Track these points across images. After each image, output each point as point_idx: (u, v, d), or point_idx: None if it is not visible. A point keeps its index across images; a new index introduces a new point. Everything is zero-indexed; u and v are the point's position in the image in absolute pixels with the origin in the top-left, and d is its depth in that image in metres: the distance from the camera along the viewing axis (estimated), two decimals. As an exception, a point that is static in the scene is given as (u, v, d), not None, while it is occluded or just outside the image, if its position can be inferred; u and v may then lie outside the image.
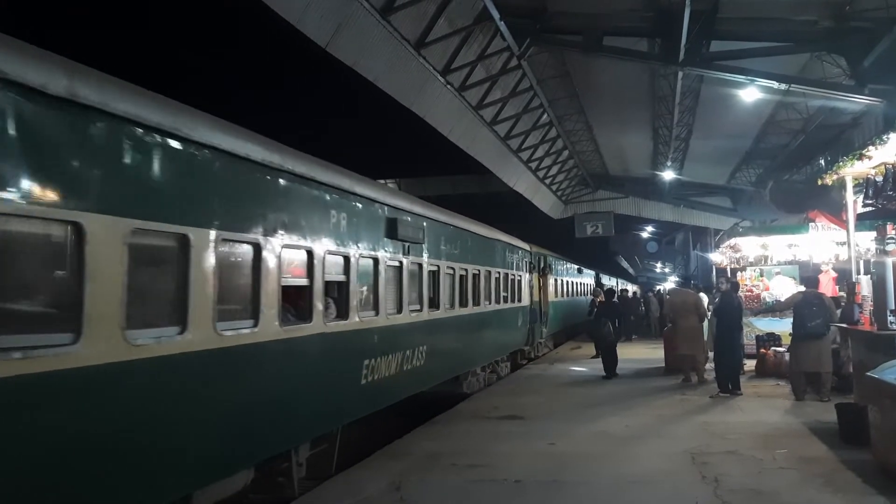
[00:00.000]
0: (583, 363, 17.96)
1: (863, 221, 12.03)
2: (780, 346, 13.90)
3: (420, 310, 9.77)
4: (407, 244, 9.15)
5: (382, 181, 30.35)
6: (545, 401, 11.85)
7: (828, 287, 14.37)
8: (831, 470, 6.96)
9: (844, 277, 13.35)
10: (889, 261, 9.03)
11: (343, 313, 7.42)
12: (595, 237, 33.95)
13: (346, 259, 7.46)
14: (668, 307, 14.42)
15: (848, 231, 11.29)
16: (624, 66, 16.42)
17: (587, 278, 31.98)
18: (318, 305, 6.76)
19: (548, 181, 29.33)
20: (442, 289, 10.79)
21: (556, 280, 23.19)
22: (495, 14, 12.65)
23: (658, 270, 62.23)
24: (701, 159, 25.74)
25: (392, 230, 8.64)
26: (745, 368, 13.69)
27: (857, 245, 12.15)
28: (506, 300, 15.17)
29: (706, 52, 13.17)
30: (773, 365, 13.53)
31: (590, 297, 29.64)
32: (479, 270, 12.91)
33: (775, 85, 13.51)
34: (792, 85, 13.60)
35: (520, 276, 16.86)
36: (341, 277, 7.42)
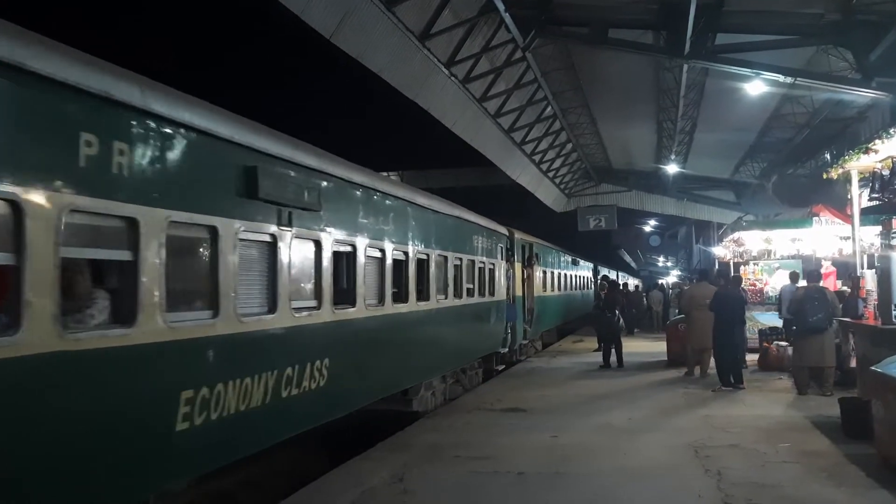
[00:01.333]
0: (585, 356, 17.98)
1: (867, 216, 11.99)
2: (783, 340, 13.88)
3: (317, 307, 6.71)
4: (286, 210, 6.10)
5: (385, 173, 30.37)
6: (548, 394, 11.86)
7: (826, 282, 14.31)
8: (834, 464, 6.96)
9: (847, 272, 13.30)
10: (894, 255, 9.00)
11: (126, 315, 4.44)
12: (598, 231, 33.92)
13: (133, 225, 4.45)
14: (687, 299, 14.32)
15: (853, 225, 11.26)
16: (629, 59, 16.36)
17: (584, 271, 30.42)
18: (38, 303, 3.76)
19: (551, 174, 29.28)
20: (361, 278, 7.66)
21: (545, 272, 20.52)
22: (500, 5, 12.58)
23: (661, 264, 62.18)
24: (705, 153, 25.68)
25: (250, 185, 5.58)
26: (748, 362, 13.70)
27: (862, 240, 12.12)
28: (472, 294, 12.33)
29: (711, 44, 13.10)
30: (775, 359, 13.52)
31: (592, 291, 29.97)
32: (427, 255, 9.96)
33: (781, 78, 13.46)
34: (797, 78, 13.55)
35: (493, 264, 13.95)
36: (121, 254, 4.47)
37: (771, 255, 17.13)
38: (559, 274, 23.45)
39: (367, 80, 13.98)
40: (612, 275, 37.15)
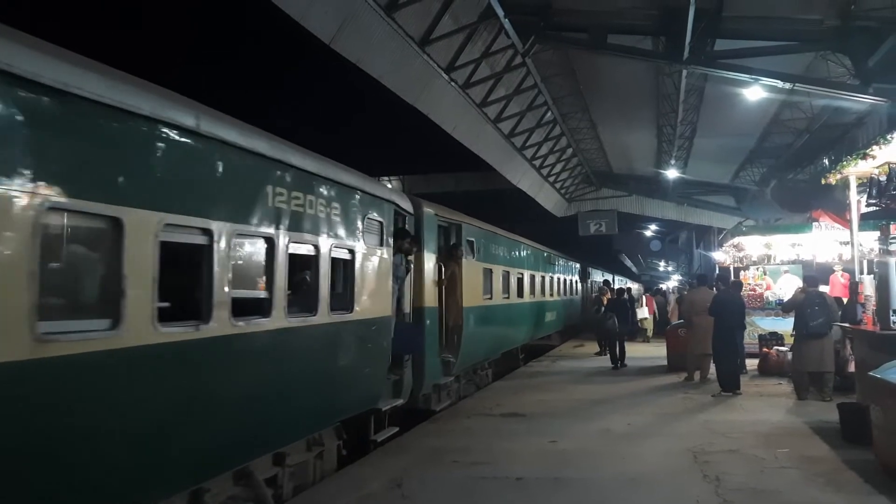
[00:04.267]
0: (585, 361, 18.00)
1: (866, 221, 12.01)
2: (783, 345, 13.89)
3: None
4: None
5: (386, 178, 30.43)
6: (547, 398, 11.86)
7: (839, 288, 14.29)
8: (833, 469, 6.96)
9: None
10: (892, 260, 9.02)
11: None
12: (599, 235, 33.92)
13: None
14: (688, 305, 14.34)
15: (851, 231, 11.28)
16: (628, 64, 16.41)
17: (564, 273, 25.18)
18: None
19: (551, 179, 29.31)
20: None
21: (490, 271, 14.22)
22: (500, 11, 12.63)
23: (661, 269, 62.16)
24: (705, 158, 25.71)
25: None
26: (748, 367, 13.72)
27: (861, 245, 12.13)
28: (264, 310, 5.96)
29: (710, 50, 13.14)
30: (775, 364, 13.53)
31: (578, 298, 29.36)
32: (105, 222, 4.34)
33: (780, 84, 13.47)
34: (796, 84, 13.56)
35: (350, 253, 7.50)
36: None
37: (771, 259, 17.15)
38: (519, 274, 17.34)
39: (366, 85, 14.02)
40: (606, 277, 36.72)
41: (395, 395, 9.10)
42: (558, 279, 23.58)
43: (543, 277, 20.67)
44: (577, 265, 29.25)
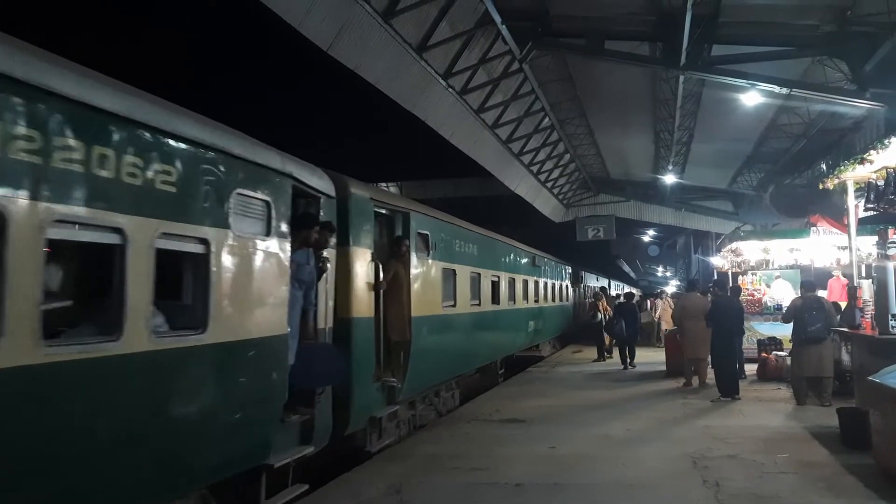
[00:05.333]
0: (584, 366, 17.98)
1: (864, 226, 12.03)
2: (782, 350, 13.88)
3: None
4: None
5: (384, 184, 30.45)
6: (546, 404, 11.84)
7: (838, 292, 14.30)
8: (832, 474, 6.95)
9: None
10: (890, 265, 9.05)
11: None
12: (596, 241, 33.92)
13: None
14: (679, 310, 14.35)
15: (849, 235, 11.29)
16: (625, 70, 16.44)
17: (551, 277, 22.44)
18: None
19: (549, 184, 29.33)
20: None
21: (453, 272, 11.63)
22: (497, 18, 12.67)
23: (660, 274, 62.18)
24: (702, 163, 25.75)
25: None
26: (747, 372, 13.71)
27: (859, 249, 12.14)
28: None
29: (707, 56, 13.21)
30: (774, 369, 13.52)
31: (570, 304, 29.02)
32: None
33: (777, 89, 13.53)
34: (793, 89, 13.62)
35: (204, 244, 4.97)
36: None
37: (769, 264, 17.19)
38: (495, 277, 14.66)
39: (364, 90, 14.02)
40: (602, 282, 36.55)
41: (303, 441, 6.63)
42: (546, 283, 21.30)
43: (527, 281, 18.19)
44: (569, 269, 27.39)
